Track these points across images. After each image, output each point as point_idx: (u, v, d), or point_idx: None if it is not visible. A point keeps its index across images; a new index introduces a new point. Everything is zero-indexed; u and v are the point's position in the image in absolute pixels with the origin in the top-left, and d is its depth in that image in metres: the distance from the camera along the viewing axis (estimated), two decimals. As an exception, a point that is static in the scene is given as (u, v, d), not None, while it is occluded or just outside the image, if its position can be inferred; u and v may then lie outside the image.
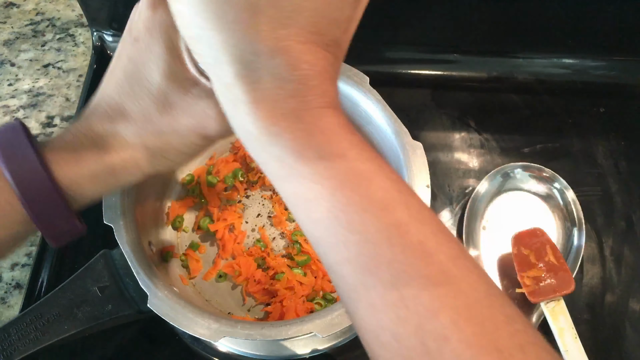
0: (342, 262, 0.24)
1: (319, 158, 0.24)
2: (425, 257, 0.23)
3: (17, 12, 0.75)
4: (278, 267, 0.52)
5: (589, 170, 0.61)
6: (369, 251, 0.23)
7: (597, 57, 0.67)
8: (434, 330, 0.22)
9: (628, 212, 0.59)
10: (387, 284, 0.23)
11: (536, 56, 0.67)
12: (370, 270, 0.23)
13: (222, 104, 0.26)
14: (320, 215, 0.24)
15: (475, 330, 0.22)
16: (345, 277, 0.24)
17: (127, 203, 0.45)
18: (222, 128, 0.31)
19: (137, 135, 0.31)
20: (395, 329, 0.22)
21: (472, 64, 0.67)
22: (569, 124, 0.65)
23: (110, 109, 0.31)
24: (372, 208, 0.24)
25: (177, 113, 0.30)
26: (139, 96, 0.30)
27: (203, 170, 0.58)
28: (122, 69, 0.31)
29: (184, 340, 0.52)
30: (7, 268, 0.56)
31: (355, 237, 0.23)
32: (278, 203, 0.56)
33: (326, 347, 0.50)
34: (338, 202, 0.24)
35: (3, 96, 0.67)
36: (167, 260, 0.52)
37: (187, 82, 0.30)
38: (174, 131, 0.31)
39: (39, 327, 0.42)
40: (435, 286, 0.22)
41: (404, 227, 0.23)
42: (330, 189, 0.24)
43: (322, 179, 0.24)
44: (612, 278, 0.55)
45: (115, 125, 0.31)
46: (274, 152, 0.24)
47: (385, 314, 0.23)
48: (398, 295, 0.22)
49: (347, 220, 0.23)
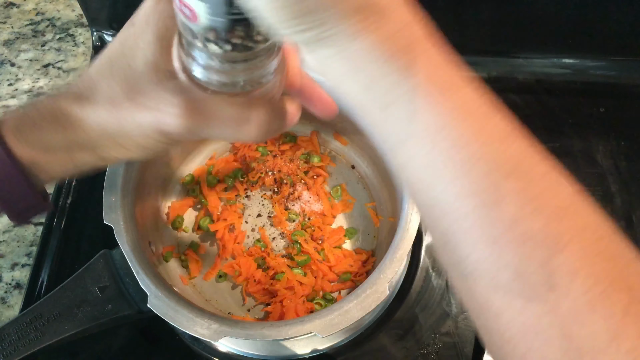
0: (464, 196, 0.23)
1: (446, 89, 0.24)
2: (550, 190, 0.23)
3: (17, 12, 0.75)
4: (278, 267, 0.52)
5: (589, 170, 0.61)
6: (495, 182, 0.23)
7: (597, 57, 0.67)
8: (561, 264, 0.21)
9: (628, 212, 0.59)
10: (513, 217, 0.22)
11: (536, 56, 0.67)
12: (495, 202, 0.22)
13: (341, 67, 0.24)
14: (448, 144, 0.23)
15: (604, 266, 0.21)
16: (467, 213, 0.23)
17: (127, 203, 0.45)
18: (182, 128, 0.30)
19: (97, 115, 0.31)
20: (519, 264, 0.22)
21: (472, 64, 0.66)
22: (569, 124, 0.65)
23: (83, 87, 0.31)
24: (498, 138, 0.23)
25: (143, 101, 0.30)
26: (114, 77, 0.30)
27: (203, 170, 0.58)
28: (110, 49, 0.31)
29: (184, 340, 0.52)
30: (7, 268, 0.56)
31: (482, 167, 0.23)
32: (278, 203, 0.56)
33: (326, 347, 0.50)
34: (466, 129, 0.23)
35: (3, 96, 0.67)
36: (167, 260, 0.52)
37: (164, 74, 0.30)
38: (133, 120, 0.31)
39: (39, 327, 0.42)
40: (561, 220, 0.22)
41: (529, 159, 0.24)
42: (459, 117, 0.23)
43: (450, 108, 0.24)
44: (612, 278, 0.55)
45: (81, 104, 0.31)
46: (404, 87, 0.24)
47: (509, 248, 0.22)
48: (524, 228, 0.22)
49: (474, 148, 0.23)
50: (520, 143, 0.24)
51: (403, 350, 0.51)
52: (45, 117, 0.31)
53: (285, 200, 0.57)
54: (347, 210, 0.56)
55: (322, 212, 0.56)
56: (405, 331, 0.51)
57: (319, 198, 0.57)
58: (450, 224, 0.24)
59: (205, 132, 0.31)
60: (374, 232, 0.55)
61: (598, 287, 0.21)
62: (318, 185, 0.57)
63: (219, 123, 0.30)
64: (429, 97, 0.24)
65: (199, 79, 0.29)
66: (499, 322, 0.23)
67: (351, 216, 0.56)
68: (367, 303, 0.40)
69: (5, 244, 0.58)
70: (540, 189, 0.23)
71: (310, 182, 0.57)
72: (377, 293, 0.41)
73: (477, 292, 0.23)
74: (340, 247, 0.54)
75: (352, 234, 0.55)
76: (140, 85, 0.30)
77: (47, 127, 0.31)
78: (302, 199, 0.57)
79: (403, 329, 0.52)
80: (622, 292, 0.21)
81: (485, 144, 0.23)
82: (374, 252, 0.54)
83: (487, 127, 0.24)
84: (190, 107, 0.30)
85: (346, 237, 0.55)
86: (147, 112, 0.30)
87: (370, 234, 0.55)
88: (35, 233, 0.58)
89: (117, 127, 0.31)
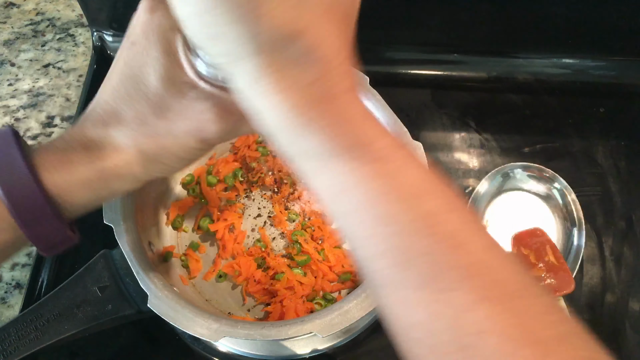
0: (374, 257, 0.23)
1: (351, 147, 0.23)
2: (459, 247, 0.22)
3: (17, 12, 0.75)
4: (278, 267, 0.52)
5: (589, 170, 0.61)
6: (402, 243, 0.23)
7: (597, 57, 0.67)
8: (470, 324, 0.21)
9: (628, 212, 0.59)
10: (421, 278, 0.22)
11: (536, 56, 0.67)
12: (403, 264, 0.22)
13: (247, 102, 0.25)
14: (353, 207, 0.23)
15: (513, 322, 0.21)
16: (378, 272, 0.23)
17: (127, 203, 0.45)
18: (221, 131, 0.30)
19: (132, 139, 0.30)
20: (429, 324, 0.22)
21: (472, 64, 0.67)
22: (569, 124, 0.65)
23: (105, 113, 0.30)
24: (404, 198, 0.23)
25: (174, 116, 0.30)
26: (134, 100, 0.30)
27: (203, 170, 0.58)
28: (118, 73, 0.30)
29: (184, 340, 0.52)
30: (7, 268, 0.56)
31: (388, 229, 0.23)
32: (278, 203, 0.56)
33: (326, 347, 0.50)
34: (371, 191, 0.23)
35: (3, 96, 0.67)
36: (167, 260, 0.52)
37: (184, 85, 0.29)
38: (170, 134, 0.30)
39: (39, 327, 0.42)
40: (470, 278, 0.22)
41: (436, 217, 0.23)
42: (362, 178, 0.23)
43: (353, 168, 0.23)
44: (612, 278, 0.55)
45: (108, 129, 0.30)
46: (305, 143, 0.23)
47: (419, 308, 0.22)
48: (432, 289, 0.22)
49: (380, 211, 0.23)
50: (430, 200, 0.23)
51: (403, 350, 0.51)
52: (76, 149, 0.30)
53: (285, 200, 0.57)
54: (347, 210, 0.56)
55: (322, 212, 0.56)
56: (405, 331, 0.51)
57: (319, 198, 0.57)
58: (370, 278, 0.24)
59: (242, 129, 0.31)
60: (374, 232, 0.55)
61: (507, 345, 0.20)
62: (318, 185, 0.57)
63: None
64: (333, 156, 0.23)
65: (206, 76, 0.29)
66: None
67: (351, 216, 0.56)
68: (367, 303, 0.40)
69: (5, 244, 0.58)
70: (450, 247, 0.22)
71: (310, 182, 0.57)
72: (377, 293, 0.41)
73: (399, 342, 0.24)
74: (340, 247, 0.54)
75: (352, 234, 0.55)
76: (164, 101, 0.29)
77: (78, 160, 0.30)
78: (302, 199, 0.57)
79: (403, 329, 0.52)
80: (531, 347, 0.20)
81: (392, 204, 0.23)
82: (374, 252, 0.54)
83: (396, 187, 0.23)
84: (222, 108, 0.29)
85: (346, 237, 0.55)
86: (182, 125, 0.30)
87: (370, 234, 0.55)
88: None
89: (155, 145, 0.30)
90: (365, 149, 0.23)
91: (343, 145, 0.23)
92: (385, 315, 0.24)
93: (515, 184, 0.59)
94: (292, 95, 0.23)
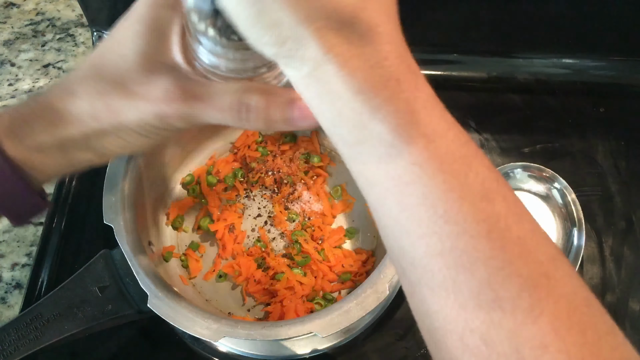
0: (432, 255, 0.22)
1: (420, 136, 0.22)
2: (525, 255, 0.21)
3: (17, 12, 0.75)
4: (278, 267, 0.52)
5: (589, 170, 0.61)
6: (465, 245, 0.21)
7: (597, 57, 0.67)
8: (531, 337, 0.20)
9: (628, 212, 0.59)
10: (483, 282, 0.21)
11: (536, 56, 0.67)
12: (464, 266, 0.21)
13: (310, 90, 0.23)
14: (415, 201, 0.22)
15: (576, 340, 0.20)
16: (435, 272, 0.22)
17: (127, 203, 0.45)
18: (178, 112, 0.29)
19: (91, 110, 0.30)
20: (486, 332, 0.21)
21: (472, 64, 0.67)
22: (569, 124, 0.65)
23: (74, 82, 0.31)
24: (471, 197, 0.22)
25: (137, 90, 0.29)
26: (105, 69, 0.30)
27: (203, 170, 0.58)
28: (102, 45, 0.31)
29: (184, 340, 0.52)
30: (7, 268, 0.56)
31: (452, 228, 0.21)
32: (278, 203, 0.56)
33: (326, 347, 0.50)
34: (436, 187, 0.22)
35: (3, 96, 0.67)
36: (167, 260, 0.52)
37: (156, 64, 0.29)
38: (129, 110, 0.30)
39: (39, 327, 0.42)
40: (535, 288, 0.21)
41: (504, 220, 0.22)
42: (430, 171, 0.22)
43: (422, 159, 0.22)
44: (612, 278, 0.55)
45: (73, 99, 0.30)
46: (373, 129, 0.22)
47: (477, 315, 0.21)
48: (494, 295, 0.21)
49: (444, 208, 0.22)
50: (495, 202, 0.22)
51: (403, 350, 0.51)
52: (38, 115, 0.30)
53: (285, 200, 0.57)
54: (347, 210, 0.56)
55: (322, 212, 0.56)
56: (405, 331, 0.51)
57: (319, 198, 0.57)
58: (418, 278, 0.23)
59: (205, 116, 0.30)
60: (374, 232, 0.55)
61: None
62: (318, 185, 0.57)
63: (219, 108, 0.29)
64: (399, 145, 0.22)
65: (207, 65, 0.29)
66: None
67: (351, 216, 0.56)
68: (367, 303, 0.40)
69: (5, 244, 0.58)
70: (515, 253, 0.21)
71: (310, 182, 0.57)
72: (377, 293, 0.41)
73: (444, 348, 0.22)
74: (340, 247, 0.54)
75: (352, 234, 0.55)
76: (131, 73, 0.29)
77: (39, 126, 0.30)
78: (302, 199, 0.57)
79: (403, 329, 0.52)
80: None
81: (455, 204, 0.22)
82: (374, 252, 0.54)
83: (460, 185, 0.22)
84: (187, 91, 0.29)
85: (346, 237, 0.55)
86: (142, 100, 0.29)
87: (370, 234, 0.55)
88: (35, 233, 0.58)
89: (113, 118, 0.30)
90: (435, 139, 0.22)
91: (413, 133, 0.22)
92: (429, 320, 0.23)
93: (515, 184, 0.59)
94: (362, 76, 0.21)
